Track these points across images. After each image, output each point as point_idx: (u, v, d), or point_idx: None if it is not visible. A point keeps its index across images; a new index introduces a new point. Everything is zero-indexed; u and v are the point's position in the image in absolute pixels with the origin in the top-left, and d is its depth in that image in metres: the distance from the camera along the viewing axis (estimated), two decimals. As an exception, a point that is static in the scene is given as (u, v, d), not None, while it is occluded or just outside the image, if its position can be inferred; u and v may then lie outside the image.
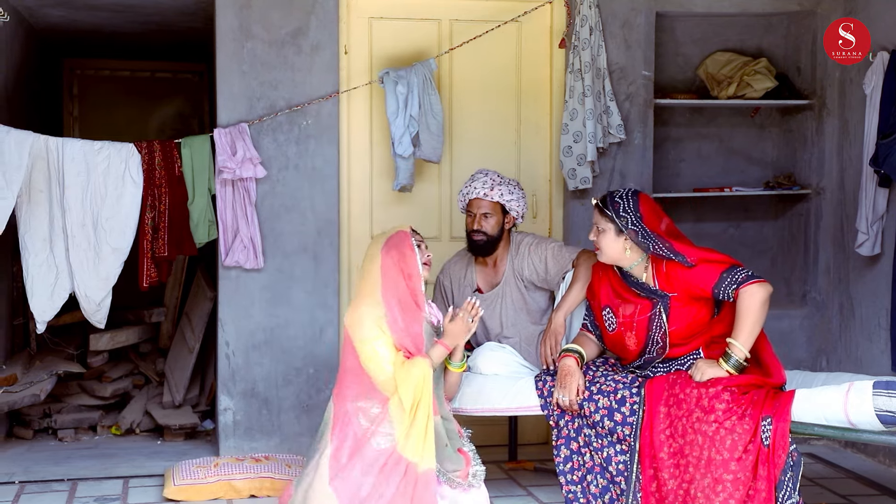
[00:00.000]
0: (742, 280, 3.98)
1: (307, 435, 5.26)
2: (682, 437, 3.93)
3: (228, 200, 5.18)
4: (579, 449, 4.21)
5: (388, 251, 4.04)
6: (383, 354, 3.95)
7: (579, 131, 5.43)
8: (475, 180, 4.70)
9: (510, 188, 4.69)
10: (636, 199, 4.16)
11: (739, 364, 3.99)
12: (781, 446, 3.81)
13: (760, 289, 3.97)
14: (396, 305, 4.00)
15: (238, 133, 5.17)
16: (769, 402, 3.91)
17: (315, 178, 5.35)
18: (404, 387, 3.91)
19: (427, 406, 3.92)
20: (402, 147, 5.28)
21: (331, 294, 5.37)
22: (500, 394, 4.44)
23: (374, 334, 3.96)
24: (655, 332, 4.14)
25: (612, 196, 4.19)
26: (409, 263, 4.04)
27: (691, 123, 6.07)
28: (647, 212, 4.14)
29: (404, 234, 4.11)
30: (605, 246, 4.17)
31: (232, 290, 5.30)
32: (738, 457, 3.81)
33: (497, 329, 4.80)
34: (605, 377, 4.23)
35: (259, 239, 5.24)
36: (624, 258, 4.17)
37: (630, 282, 4.21)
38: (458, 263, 4.88)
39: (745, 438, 3.83)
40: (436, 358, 4.04)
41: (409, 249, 4.05)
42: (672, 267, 4.09)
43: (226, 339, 5.32)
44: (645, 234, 4.08)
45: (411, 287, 4.02)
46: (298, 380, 5.37)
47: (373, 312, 3.98)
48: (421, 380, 3.92)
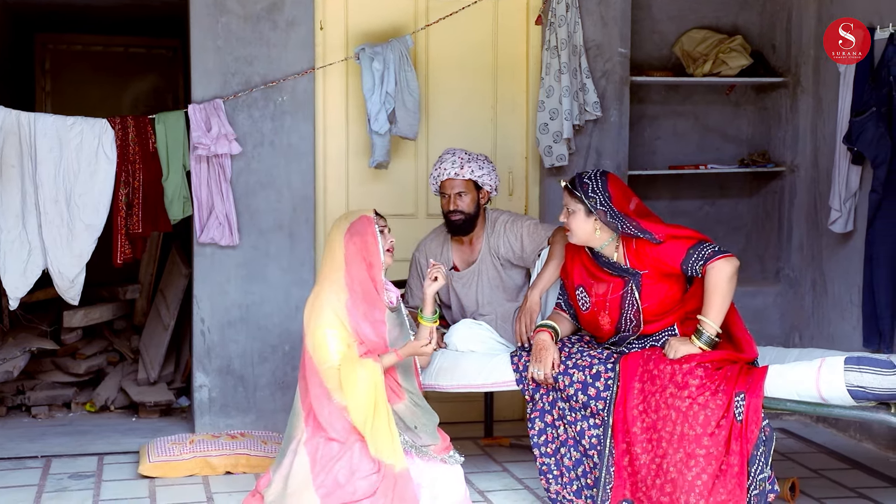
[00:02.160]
0: (709, 256, 4.00)
1: (283, 412, 5.26)
2: (656, 413, 3.96)
3: (203, 177, 5.16)
4: (553, 422, 4.23)
5: (350, 237, 4.02)
6: (332, 345, 3.92)
7: (555, 108, 5.43)
8: (444, 161, 4.70)
9: (480, 163, 4.69)
10: (604, 179, 4.17)
11: (711, 340, 4.01)
12: (754, 421, 3.84)
13: (727, 264, 3.98)
14: (359, 292, 4.00)
15: (213, 109, 5.15)
16: (742, 377, 3.93)
17: (291, 154, 5.34)
18: (352, 398, 3.87)
19: (383, 409, 3.89)
20: (378, 124, 5.27)
21: (307, 271, 5.36)
22: (476, 370, 4.45)
23: (329, 321, 3.94)
24: (628, 310, 4.16)
25: (581, 177, 4.21)
26: (371, 251, 4.02)
27: (667, 101, 6.08)
28: (616, 192, 4.16)
29: (367, 219, 4.08)
30: (575, 227, 4.19)
31: (207, 266, 5.29)
32: (710, 432, 3.84)
33: (473, 307, 4.81)
34: (580, 352, 4.25)
35: (234, 216, 5.22)
36: (594, 238, 4.19)
37: (601, 261, 4.23)
38: (435, 241, 4.88)
39: (718, 414, 3.85)
40: (386, 362, 4.01)
41: (372, 236, 4.04)
42: (641, 245, 4.11)
43: (201, 316, 5.31)
44: (613, 214, 4.10)
45: (372, 275, 4.01)
46: (274, 357, 5.37)
47: (334, 299, 3.96)
48: (371, 391, 3.87)
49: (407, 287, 4.93)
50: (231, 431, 5.19)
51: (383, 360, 3.99)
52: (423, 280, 4.83)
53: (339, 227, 4.08)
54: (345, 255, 4.00)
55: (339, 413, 3.91)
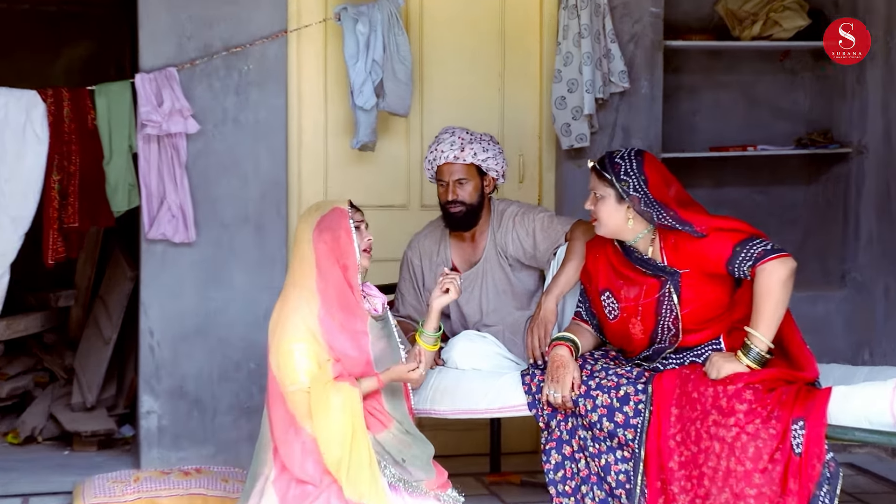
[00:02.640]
0: (759, 255, 4.00)
1: (248, 442, 5.24)
2: (696, 444, 3.95)
3: (153, 160, 5.17)
4: (573, 454, 4.23)
5: (320, 234, 4.01)
6: (300, 363, 3.89)
7: (574, 79, 5.44)
8: (441, 142, 4.70)
9: (484, 144, 4.69)
10: (640, 160, 4.18)
11: (761, 357, 4.00)
12: (816, 454, 3.82)
13: (781, 265, 3.98)
14: (334, 298, 3.98)
15: (165, 79, 5.16)
16: (801, 401, 3.92)
17: (258, 133, 5.35)
18: (324, 429, 3.83)
19: (362, 443, 3.86)
20: (363, 97, 5.28)
21: (277, 272, 5.35)
22: (480, 392, 4.45)
23: (297, 334, 3.92)
24: (665, 317, 4.16)
25: (612, 157, 4.21)
26: (346, 252, 4.00)
27: (708, 70, 6.09)
28: (653, 175, 4.16)
29: (341, 212, 4.05)
30: (604, 216, 4.19)
31: (157, 268, 5.30)
32: (762, 467, 3.83)
33: (476, 316, 4.81)
34: (605, 371, 4.24)
35: (190, 206, 5.23)
36: (626, 230, 4.19)
37: (634, 258, 4.23)
38: (430, 237, 4.88)
39: (772, 445, 3.84)
40: (366, 388, 3.97)
41: (346, 233, 4.01)
42: (682, 239, 4.12)
43: (149, 328, 5.31)
44: (649, 201, 4.11)
45: (348, 279, 4.01)
46: (238, 376, 5.38)
47: (304, 307, 3.95)
48: (347, 421, 3.84)
49: (397, 293, 4.92)
50: (185, 467, 5.19)
51: (362, 385, 3.97)
52: (417, 284, 4.82)
53: (308, 222, 4.07)
54: (315, 255, 4.00)
55: (311, 448, 3.89)
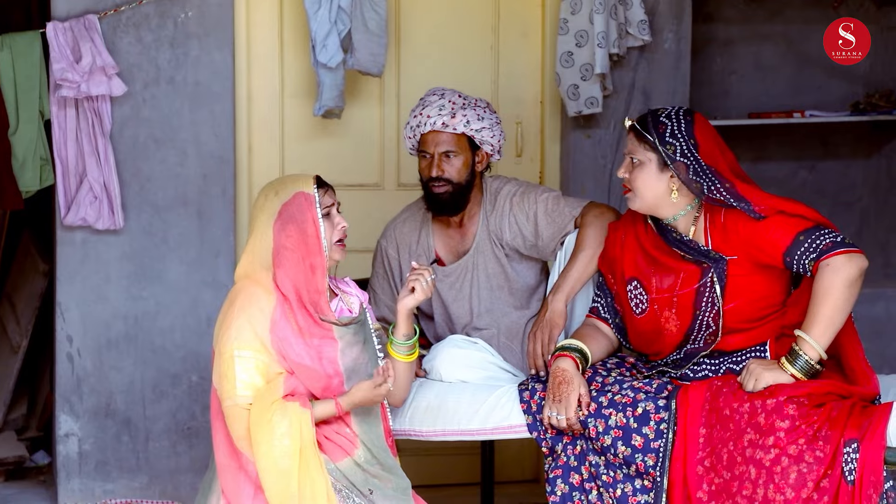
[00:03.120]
0: (826, 248, 3.99)
1: (190, 472, 5.31)
2: (729, 470, 3.95)
3: (70, 129, 5.17)
4: (582, 484, 4.22)
5: (283, 227, 3.98)
6: (241, 374, 3.89)
7: (584, 30, 5.45)
8: (427, 105, 4.67)
9: (479, 112, 4.66)
10: (690, 119, 4.16)
11: (810, 367, 4.00)
12: (872, 483, 3.82)
13: (849, 262, 3.98)
14: (295, 299, 3.97)
15: (83, 29, 5.15)
16: (854, 419, 3.91)
17: (199, 97, 5.36)
18: (265, 457, 3.83)
19: (315, 475, 3.84)
20: (328, 53, 5.29)
21: (223, 266, 5.40)
22: (471, 409, 4.43)
23: (243, 340, 3.90)
24: (705, 312, 4.15)
25: (657, 115, 4.18)
26: (313, 250, 3.98)
27: (747, 19, 6.15)
28: (705, 139, 4.14)
29: (305, 198, 3.99)
30: (641, 186, 4.16)
31: (77, 260, 5.30)
32: (806, 496, 3.82)
33: (465, 317, 4.79)
34: (619, 384, 4.24)
35: (116, 186, 5.23)
36: (667, 203, 4.17)
37: (671, 238, 4.21)
38: (408, 223, 4.86)
39: (818, 471, 3.83)
40: (319, 413, 3.95)
41: (314, 226, 3.98)
42: (732, 219, 4.11)
43: (67, 334, 5.31)
44: (700, 170, 4.09)
45: (315, 283, 3.99)
46: (176, 391, 5.40)
47: (254, 308, 3.94)
48: (293, 450, 3.83)
49: (369, 290, 4.89)
50: (112, 501, 5.22)
51: (316, 409, 3.93)
52: (393, 280, 4.81)
53: (267, 211, 4.04)
54: (273, 247, 3.97)
55: (254, 480, 3.90)
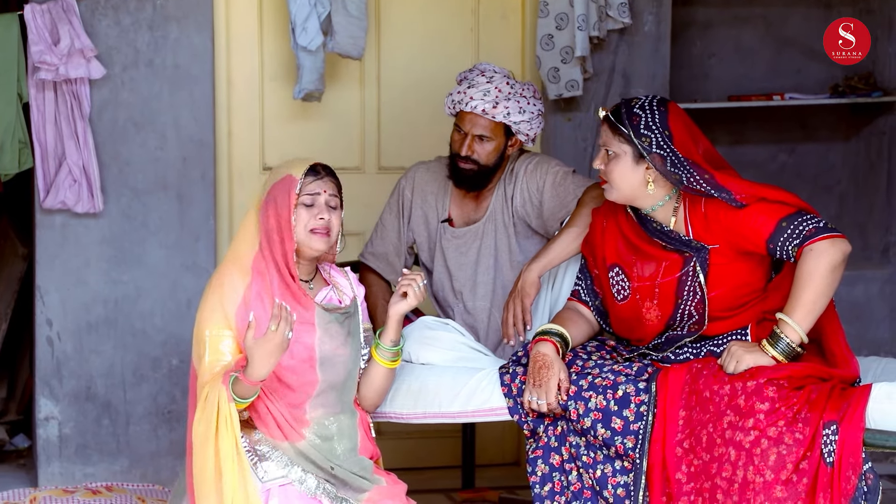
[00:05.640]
0: (809, 234, 3.97)
1: (170, 455, 5.32)
2: (708, 452, 3.94)
3: (49, 112, 5.18)
4: (563, 464, 4.21)
5: (266, 205, 3.95)
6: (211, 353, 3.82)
7: (564, 13, 5.46)
8: (474, 85, 4.65)
9: (522, 104, 4.65)
10: (664, 110, 4.13)
11: (791, 349, 4.00)
12: (851, 465, 3.82)
13: (831, 247, 3.96)
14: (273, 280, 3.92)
15: (61, 11, 5.15)
16: (834, 401, 3.91)
17: (178, 80, 5.38)
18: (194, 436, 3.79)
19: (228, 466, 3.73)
20: (308, 36, 5.30)
21: (203, 250, 5.41)
22: (451, 392, 4.41)
23: (213, 319, 3.86)
24: (688, 301, 4.15)
25: (630, 105, 4.15)
26: (285, 234, 3.91)
27: (727, 2, 6.14)
28: (679, 129, 4.12)
29: (289, 182, 3.96)
30: (618, 177, 4.14)
31: (56, 244, 5.31)
32: (786, 478, 3.81)
33: (465, 282, 4.81)
34: (599, 367, 4.23)
35: (96, 169, 5.24)
36: (644, 195, 4.16)
37: (651, 228, 4.21)
38: (432, 172, 4.87)
39: (798, 452, 3.83)
40: (238, 394, 3.80)
41: (287, 210, 3.92)
42: (714, 208, 4.09)
43: (47, 317, 5.33)
44: (677, 161, 4.08)
45: (287, 262, 3.92)
46: (156, 375, 5.41)
47: (226, 287, 3.89)
48: (207, 432, 3.75)
49: (378, 223, 4.89)
50: (92, 484, 5.22)
51: (235, 390, 3.77)
52: (402, 219, 4.82)
53: (264, 187, 4.04)
54: (259, 226, 3.96)
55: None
